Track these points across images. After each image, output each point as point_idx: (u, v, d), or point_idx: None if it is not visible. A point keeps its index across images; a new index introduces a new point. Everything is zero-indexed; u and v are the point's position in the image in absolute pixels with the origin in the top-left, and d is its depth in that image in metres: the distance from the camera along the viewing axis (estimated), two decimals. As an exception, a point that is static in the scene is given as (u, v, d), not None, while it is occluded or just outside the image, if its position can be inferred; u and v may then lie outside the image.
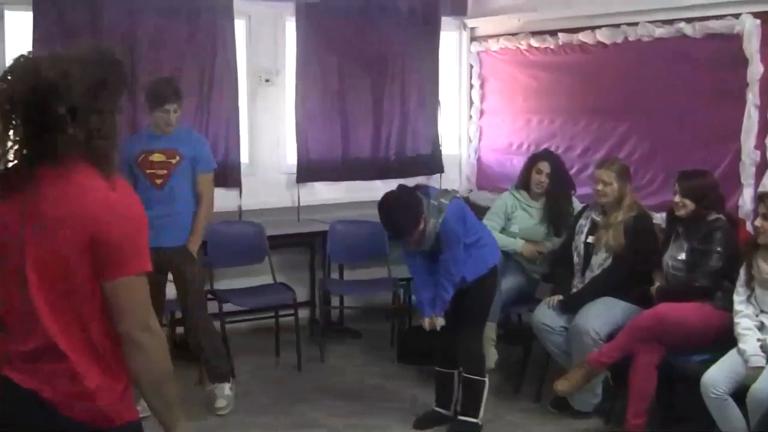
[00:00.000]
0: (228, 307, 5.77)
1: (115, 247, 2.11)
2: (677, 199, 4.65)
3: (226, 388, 4.96)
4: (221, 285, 5.91)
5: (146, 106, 4.72)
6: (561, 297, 4.99)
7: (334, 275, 6.64)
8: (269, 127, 6.56)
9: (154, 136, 4.80)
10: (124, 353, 2.15)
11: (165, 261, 4.70)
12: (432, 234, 4.49)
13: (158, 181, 4.74)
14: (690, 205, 4.61)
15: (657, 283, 4.78)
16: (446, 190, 4.78)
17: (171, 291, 5.05)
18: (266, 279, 6.10)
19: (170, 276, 4.97)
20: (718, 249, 4.54)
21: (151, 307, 2.19)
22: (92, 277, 2.12)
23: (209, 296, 5.69)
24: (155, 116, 4.71)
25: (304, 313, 6.54)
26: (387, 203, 4.50)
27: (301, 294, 6.38)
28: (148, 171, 4.74)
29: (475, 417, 4.65)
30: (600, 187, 4.93)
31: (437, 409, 4.86)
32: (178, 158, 4.76)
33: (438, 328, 4.53)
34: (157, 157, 4.75)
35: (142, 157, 4.76)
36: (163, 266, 4.70)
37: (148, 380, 2.17)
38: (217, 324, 5.38)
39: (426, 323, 4.59)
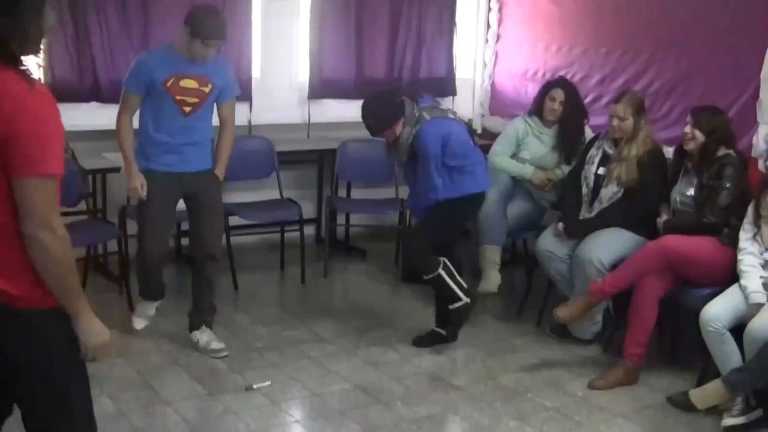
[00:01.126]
0: (234, 220, 5.81)
1: (23, 147, 2.21)
2: (688, 129, 4.60)
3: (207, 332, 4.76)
4: (229, 198, 5.87)
5: (186, 30, 4.33)
6: (564, 225, 4.98)
7: (342, 193, 6.64)
8: (283, 43, 6.50)
9: (185, 60, 4.41)
10: (28, 251, 2.27)
11: (187, 186, 4.58)
12: (405, 143, 4.58)
13: (186, 109, 4.46)
14: (700, 137, 4.57)
15: (664, 217, 4.76)
16: (442, 108, 4.78)
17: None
18: (274, 194, 6.13)
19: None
20: (728, 185, 4.51)
21: (56, 209, 2.30)
22: (5, 175, 2.23)
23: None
24: (193, 43, 4.32)
25: (310, 231, 6.63)
26: (369, 98, 4.67)
27: (308, 211, 6.41)
28: (178, 97, 4.43)
29: (458, 300, 4.72)
30: (615, 122, 4.87)
31: (436, 329, 4.94)
32: (210, 87, 4.51)
33: None
34: (188, 83, 4.44)
35: (171, 81, 4.40)
36: (185, 192, 4.62)
37: (50, 275, 2.30)
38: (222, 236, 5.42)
39: None
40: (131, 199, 5.01)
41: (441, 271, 4.67)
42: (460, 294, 4.72)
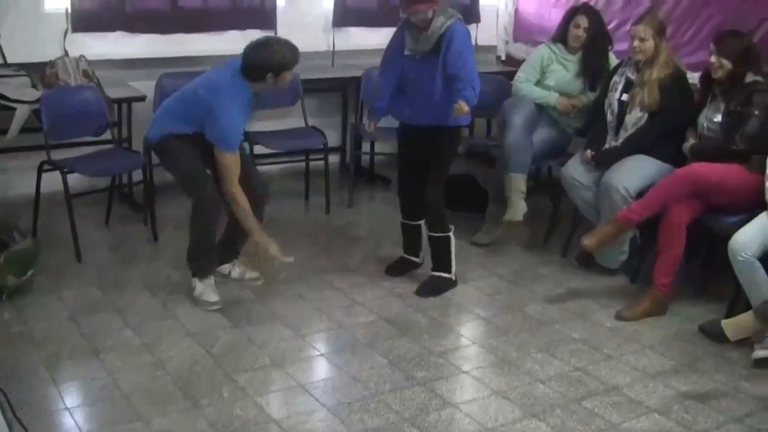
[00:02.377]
0: (259, 149, 5.67)
1: None
2: (714, 59, 4.36)
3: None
4: (253, 127, 5.66)
5: (271, 76, 4.05)
6: (593, 152, 4.78)
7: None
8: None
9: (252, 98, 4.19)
10: None
11: None
12: (437, 32, 4.17)
13: None
14: (727, 64, 4.32)
15: (691, 141, 4.53)
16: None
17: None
18: (298, 122, 5.94)
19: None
20: (756, 112, 4.25)
21: None
22: None
23: (242, 138, 5.52)
24: (282, 78, 4.11)
25: (334, 159, 6.48)
26: None
27: (333, 139, 6.20)
28: None
29: (448, 272, 4.52)
30: (636, 43, 4.64)
31: (405, 255, 4.74)
32: None
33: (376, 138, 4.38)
34: None
35: None
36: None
37: None
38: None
39: (370, 127, 4.53)
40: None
41: (452, 235, 4.48)
42: (453, 267, 4.53)
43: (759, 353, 3.83)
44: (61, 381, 3.49)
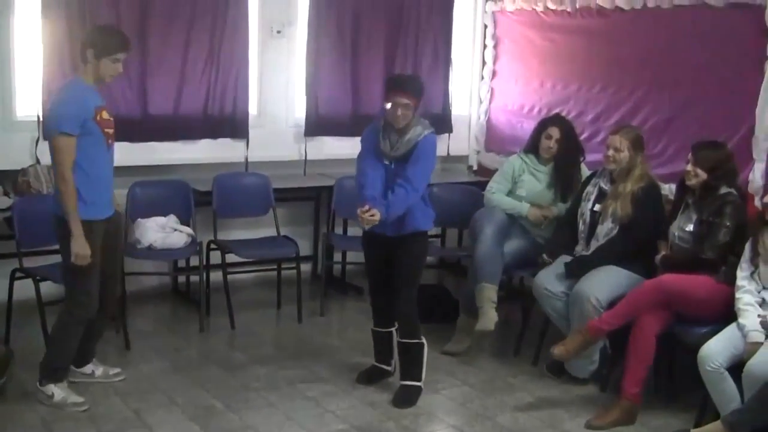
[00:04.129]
0: (231, 258, 5.84)
1: None
2: (690, 167, 4.63)
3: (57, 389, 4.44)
4: (225, 235, 5.95)
5: (91, 54, 4.15)
6: (548, 255, 5.05)
7: (338, 230, 6.64)
8: (279, 79, 6.55)
9: (95, 90, 4.27)
10: None
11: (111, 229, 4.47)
12: (413, 139, 4.41)
13: (109, 141, 4.29)
14: (702, 174, 4.60)
15: (662, 252, 4.79)
16: None
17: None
18: (270, 231, 6.15)
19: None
20: (728, 223, 4.54)
21: None
22: None
23: (213, 246, 5.79)
24: (104, 65, 4.18)
25: (306, 268, 6.63)
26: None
27: (305, 248, 6.42)
28: (105, 129, 4.25)
29: (418, 380, 4.66)
30: (611, 152, 4.91)
31: (377, 364, 4.90)
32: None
33: (367, 227, 4.35)
34: (106, 114, 4.27)
35: (99, 114, 4.22)
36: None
37: None
38: (219, 274, 5.44)
39: (362, 213, 4.33)
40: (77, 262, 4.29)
41: (424, 342, 4.65)
42: (423, 375, 4.68)
43: (728, 463, 4.05)
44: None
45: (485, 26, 7.16)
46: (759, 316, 4.21)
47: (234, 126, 6.23)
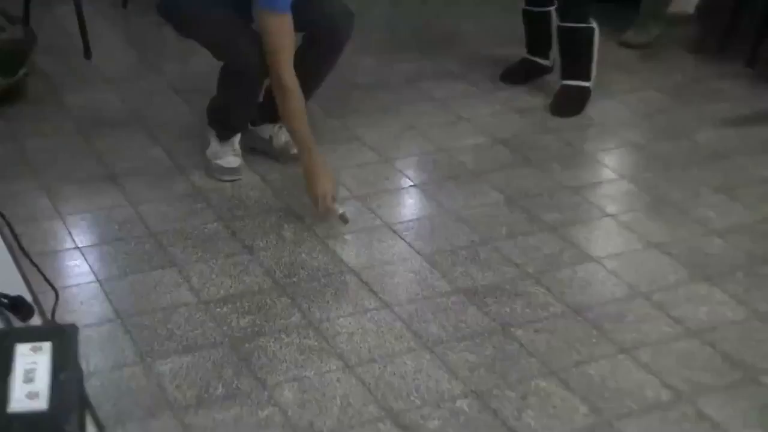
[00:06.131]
0: None
1: None
2: None
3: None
4: None
5: None
6: None
7: None
8: None
9: None
10: None
11: None
12: None
13: None
14: None
15: None
16: None
17: None
18: None
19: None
20: None
21: None
22: None
23: None
24: None
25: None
26: None
27: None
28: None
29: (586, 79, 4.55)
30: None
31: (529, 56, 4.79)
32: None
33: None
34: None
35: None
36: None
37: None
38: None
39: None
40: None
41: (596, 26, 4.47)
42: (593, 73, 4.53)
43: None
44: (69, 213, 3.52)
45: None
46: None
47: None
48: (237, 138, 3.93)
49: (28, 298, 1.57)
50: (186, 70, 4.71)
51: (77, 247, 3.32)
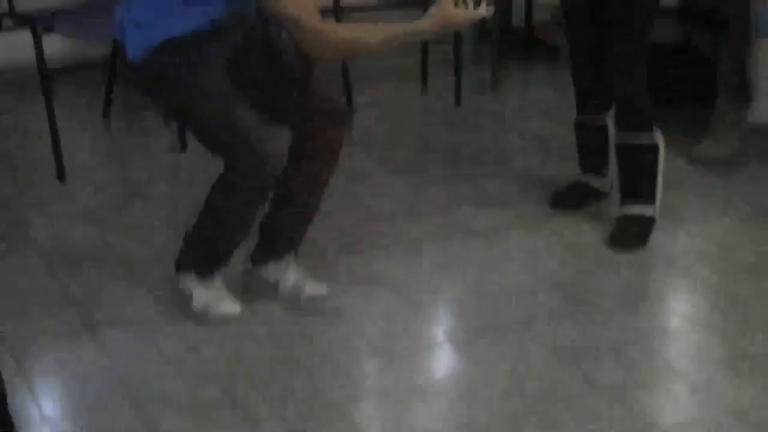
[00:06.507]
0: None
1: None
2: None
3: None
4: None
5: None
6: None
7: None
8: None
9: None
10: None
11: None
12: None
13: None
14: None
15: None
16: None
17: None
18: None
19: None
20: None
21: None
22: None
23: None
24: None
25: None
26: None
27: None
28: None
29: (650, 203, 4.37)
30: None
31: (582, 177, 4.67)
32: None
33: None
34: None
35: None
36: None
37: None
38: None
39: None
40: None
41: (660, 141, 4.32)
42: (658, 197, 4.36)
43: None
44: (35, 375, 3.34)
45: None
46: None
47: None
48: (220, 279, 3.80)
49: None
50: (179, 194, 4.59)
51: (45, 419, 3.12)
